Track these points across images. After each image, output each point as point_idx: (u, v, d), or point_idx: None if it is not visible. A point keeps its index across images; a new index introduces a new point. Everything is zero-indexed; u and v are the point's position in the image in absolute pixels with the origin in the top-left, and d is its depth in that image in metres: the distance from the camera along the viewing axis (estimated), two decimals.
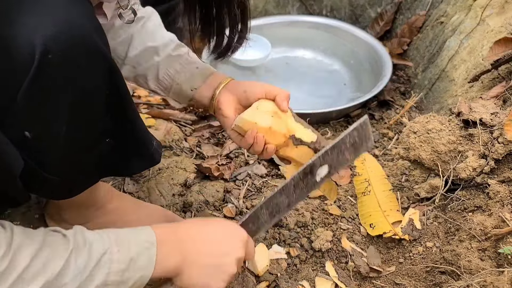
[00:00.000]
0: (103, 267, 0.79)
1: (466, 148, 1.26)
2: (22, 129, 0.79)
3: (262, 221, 1.06)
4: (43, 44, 0.73)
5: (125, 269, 0.81)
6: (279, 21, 2.29)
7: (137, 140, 1.05)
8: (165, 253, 0.87)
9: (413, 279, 1.21)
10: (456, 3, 1.92)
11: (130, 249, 0.83)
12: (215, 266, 0.93)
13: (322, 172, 1.05)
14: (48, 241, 0.77)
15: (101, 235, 0.83)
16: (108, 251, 0.80)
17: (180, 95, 1.23)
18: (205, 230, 0.97)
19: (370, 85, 1.92)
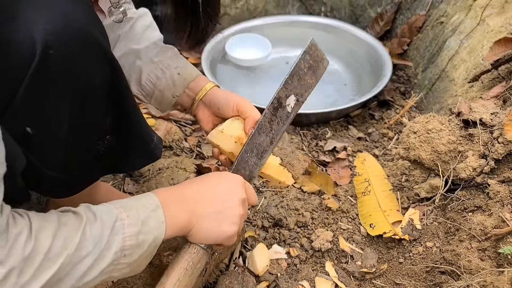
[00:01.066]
0: (117, 233, 0.81)
1: (466, 148, 1.26)
2: (24, 125, 0.79)
3: (252, 164, 1.09)
4: (45, 39, 0.73)
5: (138, 232, 0.83)
6: (279, 21, 2.29)
7: (137, 135, 1.06)
8: (172, 213, 0.89)
9: (413, 279, 1.21)
10: (456, 3, 1.92)
11: (138, 213, 0.85)
12: (221, 212, 0.95)
13: (291, 101, 1.10)
14: (62, 221, 0.78)
15: (108, 206, 0.85)
16: (118, 218, 0.82)
17: (162, 102, 1.22)
18: (204, 183, 0.99)
19: (370, 85, 1.92)
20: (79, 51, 0.78)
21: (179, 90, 1.20)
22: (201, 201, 0.95)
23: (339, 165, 1.61)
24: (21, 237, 0.71)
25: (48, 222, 0.76)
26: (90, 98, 0.86)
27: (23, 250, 0.71)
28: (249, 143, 1.08)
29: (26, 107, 0.77)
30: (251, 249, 1.31)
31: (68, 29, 0.76)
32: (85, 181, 1.07)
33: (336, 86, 2.06)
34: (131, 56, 1.19)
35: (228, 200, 0.97)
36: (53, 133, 0.84)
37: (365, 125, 1.85)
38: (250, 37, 2.18)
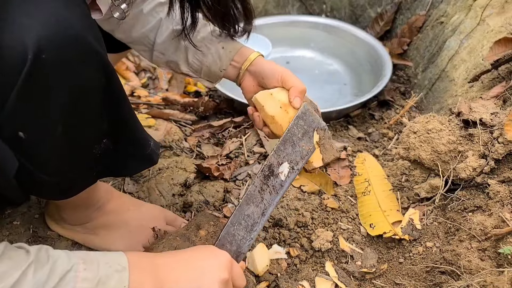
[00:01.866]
0: (66, 285, 0.74)
1: (466, 148, 1.26)
2: (16, 130, 0.78)
3: (240, 238, 1.01)
4: (37, 44, 0.72)
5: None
6: (279, 21, 2.29)
7: (133, 140, 1.05)
8: (138, 280, 0.82)
9: (413, 279, 1.21)
10: (456, 3, 1.92)
11: (99, 269, 0.78)
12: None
13: (284, 169, 1.03)
14: (8, 254, 0.73)
15: (67, 253, 0.79)
16: (73, 269, 0.76)
17: (210, 75, 1.26)
18: (181, 254, 0.94)
19: (370, 85, 1.92)
20: (73, 56, 0.78)
21: (225, 63, 1.22)
22: (173, 274, 0.87)
23: (339, 165, 1.61)
24: None
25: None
26: (84, 103, 0.85)
27: None
28: (236, 214, 1.01)
29: (18, 112, 0.76)
30: (251, 249, 1.31)
31: (61, 35, 0.75)
32: (81, 185, 1.06)
33: (336, 86, 2.06)
34: (176, 38, 1.22)
35: (204, 277, 0.88)
36: (46, 138, 0.83)
37: (365, 125, 1.85)
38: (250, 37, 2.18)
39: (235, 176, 1.55)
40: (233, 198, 1.46)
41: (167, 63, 1.27)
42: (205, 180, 1.52)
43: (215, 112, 1.86)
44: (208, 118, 1.85)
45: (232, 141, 1.68)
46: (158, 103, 1.87)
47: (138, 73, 2.07)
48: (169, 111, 1.82)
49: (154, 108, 1.83)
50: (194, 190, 1.46)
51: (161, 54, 1.26)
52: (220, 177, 1.52)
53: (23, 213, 1.34)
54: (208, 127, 1.77)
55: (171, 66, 1.29)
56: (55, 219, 1.28)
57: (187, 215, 1.41)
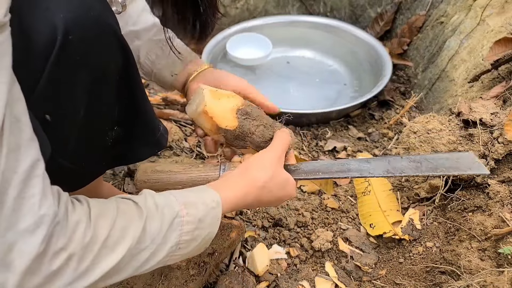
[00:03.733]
0: (175, 229, 0.83)
1: (466, 148, 1.26)
2: (44, 112, 0.79)
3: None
4: (64, 26, 0.74)
5: (194, 229, 0.86)
6: (279, 21, 2.29)
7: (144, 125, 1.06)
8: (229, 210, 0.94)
9: (413, 279, 1.21)
10: (456, 3, 1.92)
11: (198, 210, 0.87)
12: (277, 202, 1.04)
13: None
14: (122, 209, 0.80)
15: (171, 199, 0.86)
16: (179, 215, 0.84)
17: (160, 80, 1.23)
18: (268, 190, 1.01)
19: (370, 85, 1.92)
20: (96, 37, 0.79)
21: (178, 68, 1.21)
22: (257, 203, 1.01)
23: None
24: (81, 225, 0.72)
25: (107, 209, 0.78)
26: (104, 85, 0.87)
27: (83, 238, 0.72)
28: None
29: (47, 95, 0.78)
30: (251, 249, 1.31)
31: (85, 16, 0.77)
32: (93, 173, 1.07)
33: (336, 86, 2.06)
34: (130, 37, 1.20)
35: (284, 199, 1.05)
36: (69, 121, 0.85)
37: (365, 125, 1.85)
38: (251, 37, 2.18)
39: None
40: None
41: None
42: None
43: None
44: None
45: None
46: (158, 103, 1.87)
47: None
48: (169, 111, 1.82)
49: (154, 108, 1.83)
50: None
51: None
52: None
53: None
54: None
55: None
56: None
57: None
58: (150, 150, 1.14)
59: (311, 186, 1.51)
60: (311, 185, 1.51)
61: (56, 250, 0.69)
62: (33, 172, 0.67)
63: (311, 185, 1.51)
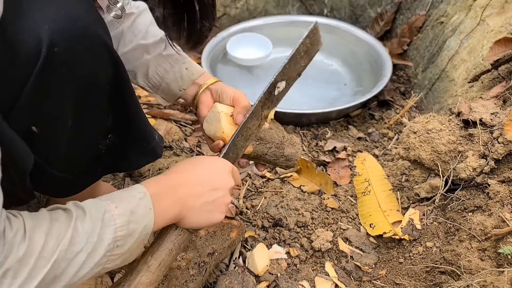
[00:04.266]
0: (108, 225, 0.81)
1: (466, 148, 1.26)
2: (29, 124, 0.79)
3: (239, 147, 1.11)
4: (49, 38, 0.73)
5: (128, 221, 0.83)
6: (279, 21, 2.29)
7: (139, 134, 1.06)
8: (160, 202, 0.90)
9: (413, 279, 1.21)
10: (456, 3, 1.92)
11: (126, 203, 0.85)
12: (211, 203, 0.97)
13: (281, 86, 1.11)
14: (54, 218, 0.79)
15: (95, 200, 0.85)
16: (107, 210, 0.82)
17: (168, 93, 1.25)
18: (194, 171, 0.99)
19: (370, 85, 1.92)
20: (84, 49, 0.79)
21: (187, 84, 1.22)
22: (190, 192, 0.95)
23: (339, 165, 1.61)
24: (16, 238, 0.71)
25: (40, 220, 0.77)
26: (94, 96, 0.86)
27: (17, 251, 0.71)
28: (242, 127, 1.09)
29: (32, 106, 0.77)
30: (251, 249, 1.31)
31: (72, 27, 0.76)
32: (87, 181, 1.07)
33: (336, 86, 2.06)
34: (139, 50, 1.21)
35: (219, 190, 0.98)
36: (57, 131, 0.84)
37: (365, 125, 1.85)
38: (251, 37, 2.18)
39: None
40: (233, 198, 1.46)
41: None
42: None
43: None
44: None
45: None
46: (158, 103, 1.87)
47: None
48: (169, 111, 1.82)
49: (154, 108, 1.83)
50: None
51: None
52: None
53: None
54: None
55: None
56: None
57: None
58: (145, 159, 1.14)
59: (311, 186, 1.51)
60: (311, 185, 1.51)
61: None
62: None
63: (311, 185, 1.51)
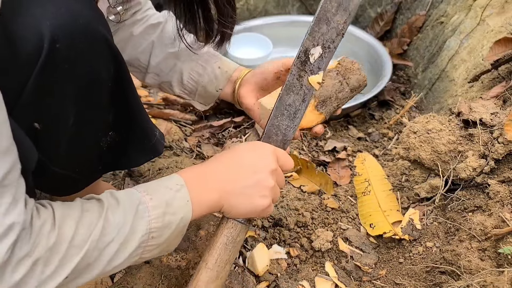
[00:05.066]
0: (142, 216, 0.81)
1: (466, 148, 1.26)
2: (32, 121, 0.79)
3: (284, 127, 1.03)
4: (51, 34, 0.73)
5: (164, 213, 0.83)
6: (279, 21, 2.29)
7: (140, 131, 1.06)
8: (198, 192, 0.88)
9: (413, 279, 1.21)
10: (456, 3, 1.92)
11: (162, 195, 0.84)
12: (250, 186, 0.93)
13: (315, 52, 1.00)
14: (85, 207, 0.79)
15: (131, 191, 0.85)
16: (142, 201, 0.82)
17: (206, 96, 1.24)
18: (229, 158, 0.97)
19: (370, 85, 1.92)
20: (85, 45, 0.79)
21: (222, 83, 1.21)
22: (228, 177, 0.93)
23: (339, 165, 1.61)
24: (45, 227, 0.72)
25: (71, 210, 0.77)
26: (95, 93, 0.87)
27: (47, 240, 0.71)
28: (278, 106, 1.02)
29: (34, 102, 0.77)
30: (251, 249, 1.31)
31: (74, 24, 0.76)
32: (88, 179, 1.07)
33: None
34: (171, 59, 1.21)
35: (258, 173, 0.94)
36: (59, 129, 0.84)
37: (365, 125, 1.85)
38: (251, 36, 2.18)
39: None
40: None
41: (161, 84, 1.27)
42: None
43: (215, 112, 1.86)
44: (208, 118, 1.85)
45: (232, 141, 1.68)
46: (158, 103, 1.88)
47: None
48: (169, 111, 1.82)
49: (154, 108, 1.84)
50: None
51: (156, 75, 1.25)
52: None
53: None
54: (208, 127, 1.78)
55: (164, 88, 1.28)
56: None
57: None
58: (147, 156, 1.14)
59: (311, 186, 1.51)
60: (311, 185, 1.51)
61: (20, 257, 0.68)
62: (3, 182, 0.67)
63: (311, 185, 1.51)
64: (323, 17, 0.97)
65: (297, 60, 1.00)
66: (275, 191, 0.97)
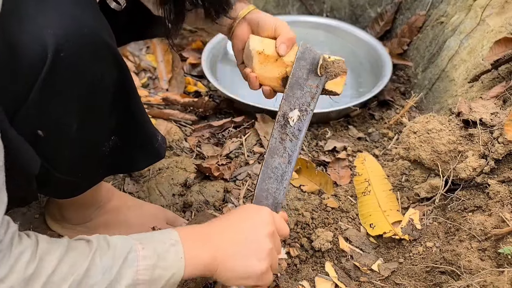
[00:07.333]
0: (130, 265, 0.78)
1: (466, 148, 1.26)
2: (35, 128, 0.79)
3: (273, 190, 1.04)
4: (55, 43, 0.73)
5: (154, 266, 0.80)
6: None
7: (142, 135, 1.06)
8: (193, 250, 0.86)
9: (413, 279, 1.21)
10: (456, 3, 1.92)
11: (155, 246, 0.82)
12: (248, 249, 0.91)
13: (293, 116, 1.05)
14: (72, 246, 0.76)
15: (124, 237, 0.82)
16: (133, 249, 0.79)
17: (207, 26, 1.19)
18: (227, 219, 0.96)
19: (370, 85, 1.92)
20: (89, 53, 0.79)
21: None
22: (224, 239, 0.91)
23: (339, 165, 1.61)
24: (24, 256, 0.69)
25: (56, 245, 0.75)
26: (98, 99, 0.87)
27: (25, 270, 0.69)
28: (264, 170, 1.04)
29: (38, 110, 0.77)
30: None
31: (78, 33, 0.76)
32: (89, 182, 1.07)
33: None
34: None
35: (253, 235, 0.92)
36: (62, 135, 0.84)
37: (365, 125, 1.85)
38: None
39: (235, 176, 1.55)
40: (233, 198, 1.46)
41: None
42: (205, 180, 1.52)
43: (215, 112, 1.86)
44: (208, 118, 1.84)
45: (232, 141, 1.68)
46: (158, 103, 1.87)
47: (138, 73, 2.07)
48: (169, 111, 1.82)
49: (154, 108, 1.83)
50: (194, 190, 1.46)
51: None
52: (220, 177, 1.52)
53: (23, 213, 1.34)
54: (208, 127, 1.77)
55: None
56: (55, 218, 1.28)
57: (187, 215, 1.41)
58: (149, 160, 1.14)
59: (311, 186, 1.51)
60: (311, 185, 1.51)
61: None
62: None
63: (311, 185, 1.51)
64: (296, 83, 1.04)
65: (277, 124, 1.04)
66: (273, 256, 0.95)
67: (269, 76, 1.09)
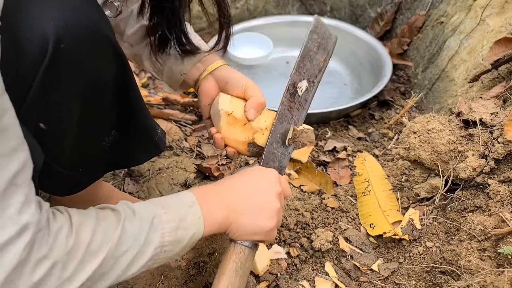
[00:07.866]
0: (156, 229, 0.82)
1: (466, 148, 1.26)
2: (37, 121, 0.80)
3: (279, 154, 1.09)
4: (56, 35, 0.74)
5: (176, 227, 0.85)
6: (279, 21, 2.29)
7: (142, 129, 1.06)
8: (209, 210, 0.91)
9: (413, 279, 1.21)
10: (456, 3, 1.92)
11: (176, 209, 0.87)
12: (257, 207, 0.97)
13: (302, 86, 1.10)
14: (101, 216, 0.80)
15: (146, 204, 0.86)
16: (157, 214, 0.84)
17: (171, 78, 1.18)
18: (238, 179, 1.00)
19: (370, 85, 1.92)
20: (89, 46, 0.79)
21: (187, 68, 1.15)
22: (237, 198, 0.96)
23: (339, 165, 1.61)
24: (62, 231, 0.73)
25: (87, 217, 0.78)
26: (99, 92, 0.87)
27: (66, 244, 0.72)
28: (273, 135, 1.07)
29: (40, 103, 0.78)
30: None
31: (78, 25, 0.77)
32: (90, 178, 1.07)
33: (336, 86, 2.06)
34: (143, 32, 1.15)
35: (263, 194, 0.98)
36: (63, 128, 0.85)
37: (365, 125, 1.85)
38: (252, 36, 2.18)
39: None
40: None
41: (134, 56, 1.21)
42: (205, 180, 1.52)
43: None
44: None
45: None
46: (158, 103, 1.87)
47: (138, 73, 2.07)
48: (169, 111, 1.82)
49: (154, 108, 1.83)
50: None
51: (130, 45, 1.19)
52: (220, 177, 1.52)
53: None
54: None
55: (136, 60, 1.23)
56: None
57: None
58: (149, 154, 1.14)
59: (311, 186, 1.51)
60: (311, 185, 1.51)
61: (38, 258, 0.68)
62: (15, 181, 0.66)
63: (311, 184, 1.51)
64: (307, 55, 1.10)
65: (287, 93, 1.09)
66: (279, 214, 1.00)
67: (236, 139, 1.09)
